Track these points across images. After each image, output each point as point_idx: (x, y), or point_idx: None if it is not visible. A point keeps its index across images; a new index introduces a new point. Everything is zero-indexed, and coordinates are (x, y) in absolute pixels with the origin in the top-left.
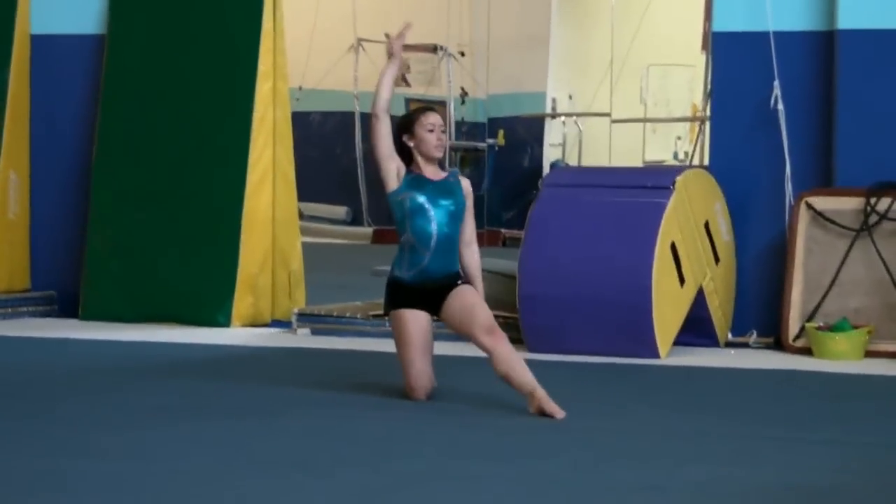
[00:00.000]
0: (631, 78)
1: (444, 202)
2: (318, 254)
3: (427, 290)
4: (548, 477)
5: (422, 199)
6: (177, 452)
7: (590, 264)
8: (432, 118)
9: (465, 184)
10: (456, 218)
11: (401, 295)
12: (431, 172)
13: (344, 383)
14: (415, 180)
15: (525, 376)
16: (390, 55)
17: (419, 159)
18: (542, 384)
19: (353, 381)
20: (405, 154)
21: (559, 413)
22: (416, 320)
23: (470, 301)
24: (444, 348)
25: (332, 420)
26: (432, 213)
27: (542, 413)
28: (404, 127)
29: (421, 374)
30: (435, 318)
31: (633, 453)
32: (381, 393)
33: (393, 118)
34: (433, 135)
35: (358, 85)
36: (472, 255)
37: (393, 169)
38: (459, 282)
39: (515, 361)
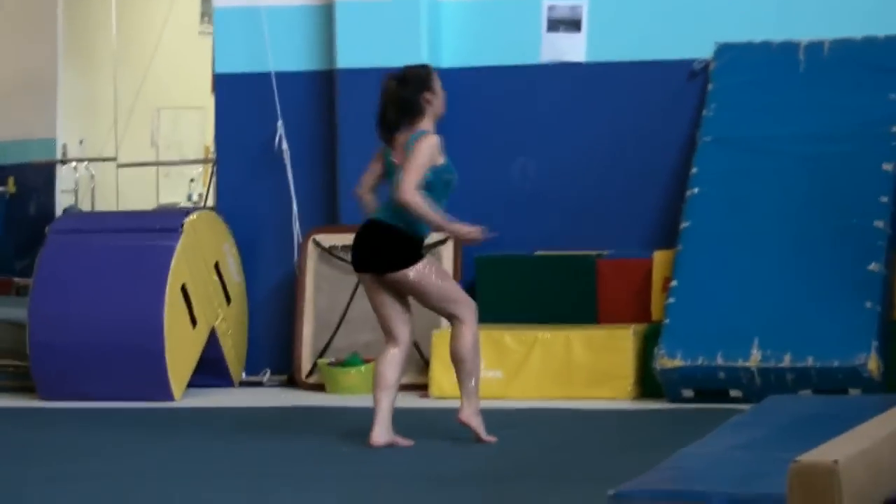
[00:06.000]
0: (142, 122)
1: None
2: None
3: None
4: None
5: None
6: None
7: (101, 309)
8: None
9: None
10: None
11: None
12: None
13: None
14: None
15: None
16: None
17: (430, 117)
18: (52, 431)
19: None
20: (412, 114)
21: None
22: None
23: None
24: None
25: None
26: None
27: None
28: (425, 84)
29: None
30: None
31: (144, 498)
32: None
33: None
34: (443, 92)
35: None
36: None
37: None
38: None
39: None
